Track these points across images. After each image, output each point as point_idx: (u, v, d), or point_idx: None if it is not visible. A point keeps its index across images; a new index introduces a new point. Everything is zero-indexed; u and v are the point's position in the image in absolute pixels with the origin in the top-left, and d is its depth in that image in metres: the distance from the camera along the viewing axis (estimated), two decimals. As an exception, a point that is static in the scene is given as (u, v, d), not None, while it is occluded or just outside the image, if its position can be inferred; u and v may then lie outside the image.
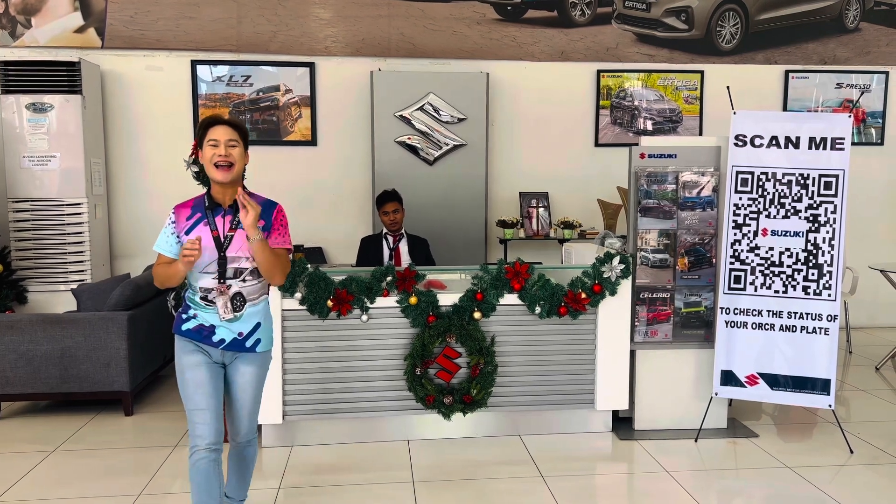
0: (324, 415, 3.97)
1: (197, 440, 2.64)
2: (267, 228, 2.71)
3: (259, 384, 2.81)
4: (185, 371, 2.68)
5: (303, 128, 6.34)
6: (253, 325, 2.73)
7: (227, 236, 2.67)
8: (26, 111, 5.57)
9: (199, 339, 2.68)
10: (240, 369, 2.75)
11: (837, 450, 3.96)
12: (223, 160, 2.63)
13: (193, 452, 2.64)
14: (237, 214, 2.67)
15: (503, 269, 3.97)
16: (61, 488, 3.51)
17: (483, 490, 3.49)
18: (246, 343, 2.72)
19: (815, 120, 4.00)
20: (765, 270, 3.99)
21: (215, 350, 2.71)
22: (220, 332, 2.69)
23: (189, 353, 2.69)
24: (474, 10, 6.43)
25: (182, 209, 2.73)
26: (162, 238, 2.73)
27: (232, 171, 2.65)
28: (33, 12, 6.02)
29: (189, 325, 2.70)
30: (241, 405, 2.78)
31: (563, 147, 6.60)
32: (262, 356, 2.80)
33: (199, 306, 2.69)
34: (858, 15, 6.83)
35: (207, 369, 2.68)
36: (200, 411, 2.63)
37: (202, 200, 2.74)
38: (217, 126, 2.66)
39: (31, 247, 5.68)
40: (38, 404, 4.77)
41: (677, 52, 6.66)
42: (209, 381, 2.67)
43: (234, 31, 6.20)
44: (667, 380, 4.22)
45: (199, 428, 2.63)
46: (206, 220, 2.68)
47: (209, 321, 2.68)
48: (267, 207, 2.76)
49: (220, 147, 2.63)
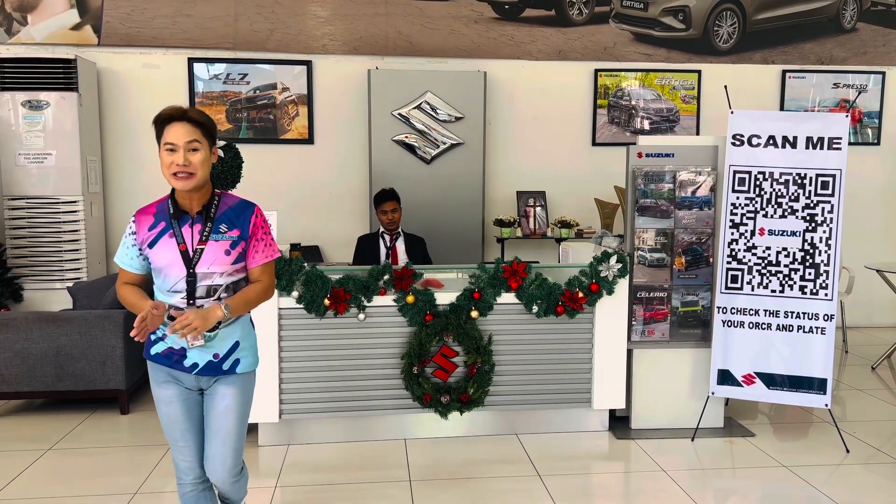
0: (320, 413, 3.96)
1: (181, 475, 2.46)
2: (244, 237, 2.34)
3: (241, 411, 2.42)
4: (159, 404, 2.40)
5: (300, 126, 6.32)
6: (230, 344, 2.38)
7: (197, 249, 2.29)
8: (22, 108, 5.55)
9: (170, 365, 2.35)
10: (219, 392, 2.39)
11: (833, 449, 3.97)
12: (181, 170, 2.23)
13: (179, 485, 2.48)
14: (207, 222, 2.32)
15: (500, 268, 3.97)
16: (57, 487, 3.50)
17: (480, 489, 3.49)
18: (223, 366, 2.37)
19: (812, 120, 4.00)
20: (762, 270, 3.99)
21: (188, 376, 2.36)
22: (192, 356, 2.34)
23: (160, 384, 2.38)
24: (472, 9, 6.42)
25: (143, 216, 2.34)
26: (122, 250, 2.36)
27: (194, 179, 2.25)
28: (29, 9, 5.99)
29: (158, 349, 2.36)
30: (220, 437, 2.39)
31: (561, 146, 6.60)
32: (243, 377, 2.42)
33: (166, 326, 2.32)
34: (855, 15, 6.84)
35: (181, 404, 2.38)
36: (179, 448, 2.41)
37: (166, 206, 2.34)
38: (174, 124, 2.24)
39: (26, 245, 5.66)
40: (33, 402, 4.76)
41: (675, 51, 6.66)
42: (184, 417, 2.38)
43: (231, 28, 6.18)
44: (664, 379, 4.22)
45: (182, 464, 2.44)
46: (171, 231, 2.30)
47: (179, 343, 2.33)
48: (241, 210, 2.38)
49: (178, 153, 2.22)
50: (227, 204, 2.38)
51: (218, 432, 2.39)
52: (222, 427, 2.39)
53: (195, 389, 2.42)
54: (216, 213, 2.34)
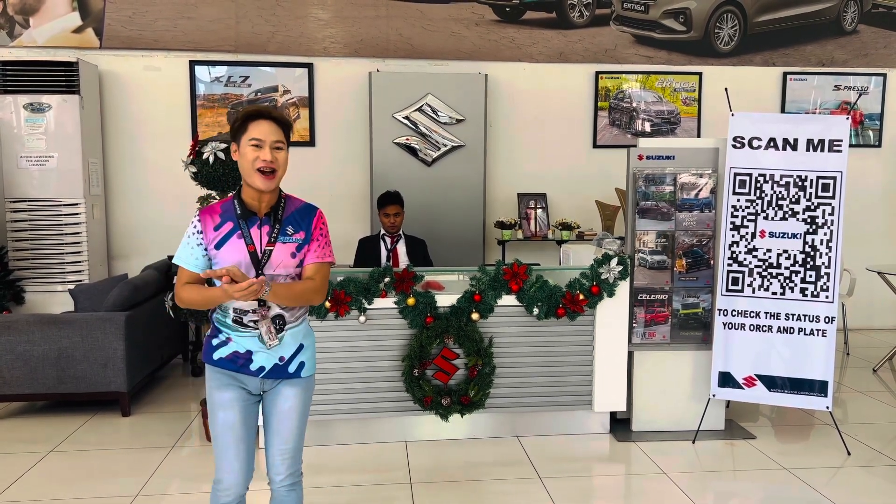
0: (322, 415, 3.96)
1: (220, 485, 2.36)
2: (307, 241, 2.34)
3: (304, 412, 2.43)
4: (216, 409, 2.34)
5: (301, 128, 6.33)
6: (295, 347, 2.38)
7: (266, 251, 2.28)
8: (24, 111, 5.56)
9: (235, 369, 2.33)
10: (282, 393, 2.38)
11: (834, 451, 3.96)
12: (267, 166, 2.22)
13: (215, 492, 2.38)
14: (275, 223, 2.31)
15: (501, 271, 3.97)
16: (58, 489, 3.51)
17: (480, 491, 3.49)
18: (289, 368, 2.37)
19: (813, 122, 4.01)
20: (762, 272, 3.99)
21: (253, 379, 2.35)
22: (259, 359, 2.33)
23: (222, 387, 2.34)
24: (473, 12, 6.43)
25: (209, 216, 2.31)
26: (185, 250, 2.30)
27: (275, 178, 2.26)
28: (31, 12, 6.01)
29: (222, 353, 2.33)
30: (283, 437, 2.39)
31: (562, 148, 6.60)
32: (306, 381, 2.43)
33: (231, 329, 2.32)
34: (856, 17, 6.84)
35: (241, 410, 2.34)
36: (228, 458, 2.34)
37: (232, 206, 2.32)
38: (261, 121, 2.24)
39: (28, 247, 5.67)
40: (35, 405, 4.76)
41: (675, 53, 6.66)
42: (241, 424, 2.34)
43: (233, 31, 6.19)
44: (664, 381, 4.22)
45: (227, 477, 2.34)
46: (239, 232, 2.28)
47: (245, 346, 2.32)
48: (305, 213, 2.37)
49: (264, 150, 2.22)
50: (294, 206, 2.38)
51: (280, 432, 2.40)
52: (285, 427, 2.40)
53: (257, 393, 2.41)
54: (283, 215, 2.34)
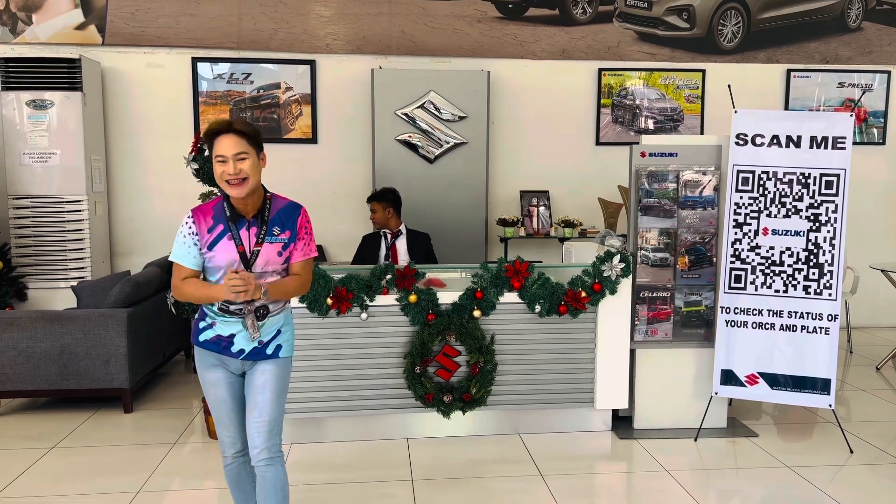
0: (323, 413, 3.97)
1: (224, 448, 2.68)
2: (293, 239, 2.55)
3: (280, 386, 2.60)
4: (207, 386, 2.61)
5: (303, 125, 6.33)
6: (274, 331, 2.59)
7: (254, 251, 2.48)
8: (27, 108, 5.57)
9: (218, 350, 2.55)
10: (258, 369, 2.58)
11: (837, 450, 3.95)
12: (233, 178, 2.41)
13: (224, 458, 2.71)
14: (262, 225, 2.50)
15: (503, 268, 3.97)
16: (60, 485, 3.51)
17: (482, 489, 3.49)
18: (266, 350, 2.58)
19: (817, 119, 3.99)
20: (765, 270, 3.98)
21: (234, 361, 2.57)
22: (239, 342, 2.53)
23: (208, 367, 2.59)
24: (475, 8, 6.42)
25: (202, 216, 2.50)
26: (181, 248, 2.50)
27: (247, 184, 2.43)
28: (34, 9, 6.01)
29: (207, 336, 2.55)
30: (258, 409, 2.55)
31: (564, 145, 6.59)
32: (283, 360, 2.63)
33: (216, 315, 2.53)
34: (860, 14, 6.81)
35: (227, 387, 2.60)
36: (224, 425, 2.64)
37: (222, 209, 2.51)
38: (223, 137, 2.43)
39: (31, 244, 5.68)
40: (37, 401, 4.77)
41: (679, 50, 6.64)
42: (230, 398, 2.61)
43: (235, 28, 6.19)
44: (667, 379, 4.21)
45: (226, 439, 2.66)
46: (229, 234, 2.47)
47: (228, 331, 2.53)
48: (290, 213, 2.58)
49: (228, 163, 2.40)
50: (278, 206, 2.57)
51: (256, 405, 2.56)
52: (260, 400, 2.56)
53: (239, 373, 2.62)
54: (269, 217, 2.54)
